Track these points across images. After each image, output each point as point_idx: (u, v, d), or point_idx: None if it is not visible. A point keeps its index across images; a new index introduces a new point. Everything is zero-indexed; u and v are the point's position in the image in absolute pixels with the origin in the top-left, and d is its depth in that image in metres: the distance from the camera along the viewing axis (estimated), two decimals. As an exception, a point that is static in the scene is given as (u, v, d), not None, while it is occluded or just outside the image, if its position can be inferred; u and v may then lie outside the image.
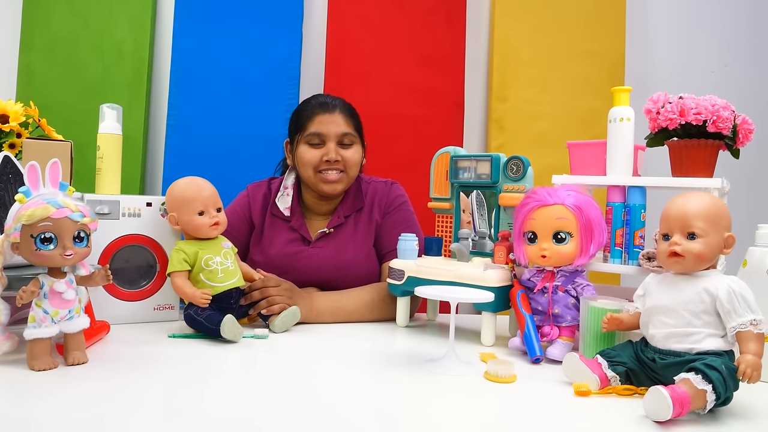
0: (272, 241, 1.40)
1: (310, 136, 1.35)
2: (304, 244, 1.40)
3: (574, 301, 1.05)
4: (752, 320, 0.78)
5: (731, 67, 2.33)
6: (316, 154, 1.35)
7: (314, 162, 1.35)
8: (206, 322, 1.07)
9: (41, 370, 0.86)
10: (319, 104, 1.38)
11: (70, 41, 2.04)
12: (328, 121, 1.35)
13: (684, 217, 0.84)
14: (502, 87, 2.18)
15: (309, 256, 1.38)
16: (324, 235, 1.40)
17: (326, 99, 1.40)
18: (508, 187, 1.21)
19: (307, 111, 1.38)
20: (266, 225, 1.42)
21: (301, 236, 1.40)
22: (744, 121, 1.07)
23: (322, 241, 1.40)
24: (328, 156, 1.34)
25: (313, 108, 1.38)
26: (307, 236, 1.41)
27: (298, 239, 1.40)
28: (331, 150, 1.34)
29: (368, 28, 2.11)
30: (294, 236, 1.40)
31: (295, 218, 1.41)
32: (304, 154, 1.36)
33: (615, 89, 1.15)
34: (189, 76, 2.05)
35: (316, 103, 1.39)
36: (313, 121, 1.35)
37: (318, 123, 1.35)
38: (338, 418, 0.75)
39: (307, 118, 1.37)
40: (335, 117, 1.36)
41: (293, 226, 1.41)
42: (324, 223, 1.43)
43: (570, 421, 0.78)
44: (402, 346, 1.13)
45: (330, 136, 1.35)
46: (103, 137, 1.23)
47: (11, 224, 0.86)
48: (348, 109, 1.41)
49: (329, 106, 1.37)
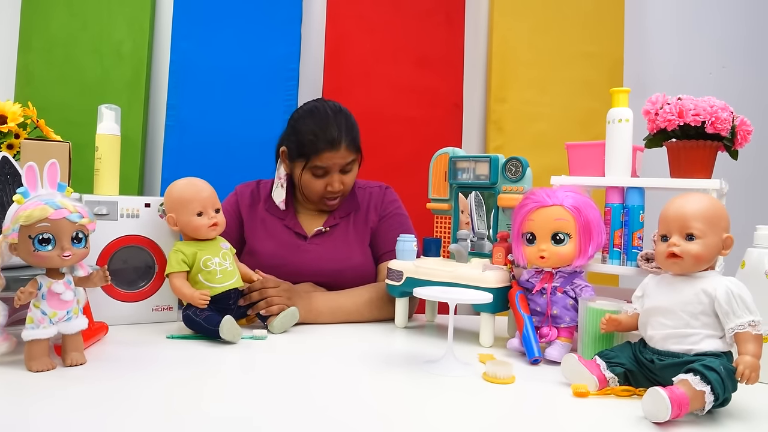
0: (268, 236, 1.42)
1: (315, 168, 1.37)
2: (300, 239, 1.42)
3: (572, 302, 1.05)
4: (750, 321, 0.78)
5: (729, 68, 2.33)
6: (321, 183, 1.38)
7: (320, 192, 1.39)
8: (205, 323, 1.07)
9: (39, 371, 0.86)
10: (327, 142, 1.34)
11: (68, 42, 2.04)
12: (334, 157, 1.35)
13: (682, 218, 0.84)
14: (501, 88, 2.18)
15: (306, 250, 1.40)
16: (320, 233, 1.42)
17: (333, 134, 1.34)
18: (507, 188, 1.21)
19: (314, 145, 1.34)
20: (258, 221, 1.44)
21: (296, 232, 1.42)
22: (742, 122, 1.07)
23: (319, 239, 1.42)
24: (332, 187, 1.38)
25: (321, 144, 1.34)
26: (302, 232, 1.43)
27: (293, 235, 1.42)
28: (335, 181, 1.37)
29: (367, 29, 2.11)
30: (289, 232, 1.43)
31: (289, 216, 1.44)
32: (309, 183, 1.39)
33: (613, 90, 1.15)
34: (188, 77, 2.05)
35: (324, 139, 1.34)
36: (320, 157, 1.35)
37: (324, 159, 1.35)
38: (336, 418, 0.75)
39: (313, 152, 1.35)
40: (341, 152, 1.35)
41: (287, 224, 1.43)
42: (316, 219, 1.45)
43: (568, 422, 0.78)
44: (400, 347, 1.13)
45: (335, 168, 1.37)
46: (101, 138, 1.23)
47: (9, 225, 0.86)
48: (351, 135, 1.37)
49: (335, 143, 1.34)
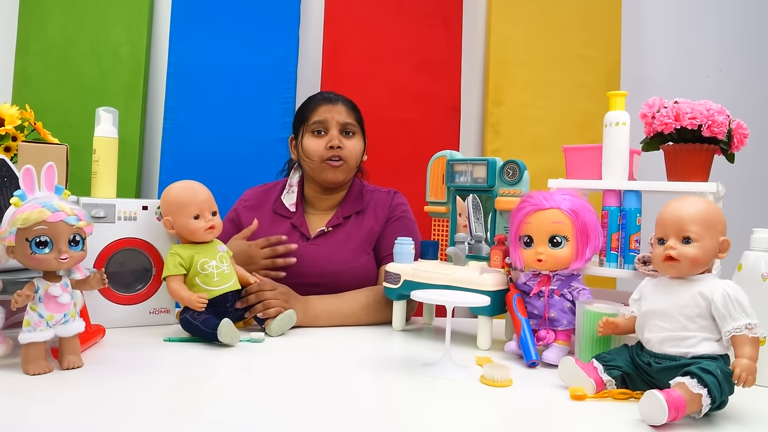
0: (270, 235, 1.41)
1: (314, 124, 1.42)
2: (303, 240, 1.42)
3: (570, 305, 1.06)
4: (747, 324, 0.78)
5: (726, 71, 2.34)
6: (321, 142, 1.41)
7: (319, 150, 1.41)
8: (202, 326, 1.07)
9: (36, 374, 0.86)
10: (322, 97, 1.47)
11: (66, 44, 2.04)
12: (331, 110, 1.42)
13: (679, 222, 0.85)
14: (498, 91, 2.18)
15: (307, 252, 1.39)
16: (322, 234, 1.42)
17: (329, 93, 1.48)
18: (504, 191, 1.21)
19: (311, 104, 1.47)
20: (266, 223, 1.44)
21: (301, 233, 1.43)
22: (739, 125, 1.07)
23: (321, 239, 1.42)
24: (331, 142, 1.41)
25: (317, 100, 1.46)
26: (307, 233, 1.43)
27: (297, 235, 1.43)
28: (334, 137, 1.41)
29: (365, 32, 2.11)
30: (294, 232, 1.43)
31: (297, 215, 1.45)
32: (309, 143, 1.42)
33: (611, 94, 1.15)
34: (185, 80, 2.05)
35: (319, 96, 1.48)
36: (317, 111, 1.43)
37: (321, 112, 1.42)
38: (334, 421, 0.75)
39: (311, 109, 1.45)
40: (338, 107, 1.44)
41: (294, 223, 1.44)
42: (322, 219, 1.46)
43: (566, 425, 0.78)
44: (398, 350, 1.13)
45: (333, 123, 1.42)
46: (99, 141, 1.23)
47: (6, 228, 0.86)
48: (350, 102, 1.48)
49: (332, 98, 1.45)
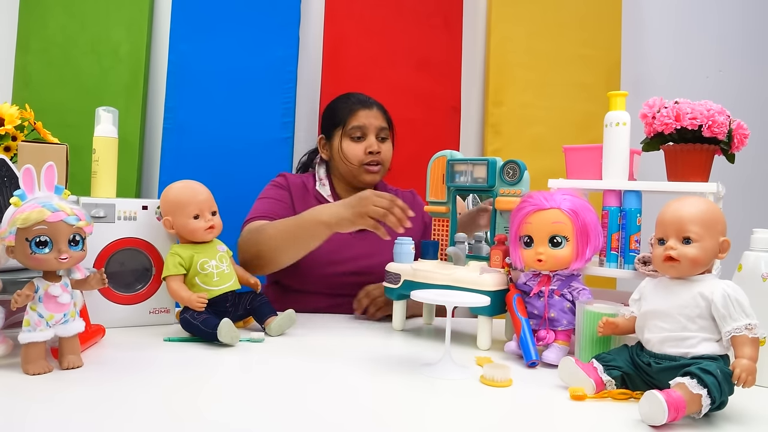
0: None
1: (353, 129, 1.43)
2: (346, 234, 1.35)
3: (570, 305, 1.06)
4: (747, 325, 0.78)
5: (726, 72, 2.34)
6: (360, 147, 1.43)
7: (359, 155, 1.43)
8: (203, 326, 1.07)
9: (36, 374, 0.86)
10: (358, 101, 1.47)
11: (66, 44, 2.04)
12: (369, 116, 1.44)
13: (679, 222, 0.85)
14: (499, 91, 2.18)
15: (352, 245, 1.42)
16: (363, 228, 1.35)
17: (363, 96, 1.49)
18: (505, 191, 1.21)
19: (347, 107, 1.46)
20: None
21: None
22: (739, 126, 1.07)
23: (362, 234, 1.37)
24: (371, 148, 1.43)
25: (353, 104, 1.47)
26: None
27: None
28: (373, 142, 1.43)
29: (365, 32, 2.11)
30: None
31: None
32: (349, 148, 1.44)
33: (611, 94, 1.15)
34: (186, 80, 2.05)
35: (355, 99, 1.48)
36: (356, 116, 1.44)
37: (360, 117, 1.44)
38: (333, 421, 0.75)
39: (348, 112, 1.45)
40: (374, 112, 1.46)
41: None
42: None
43: (565, 425, 0.78)
44: (398, 350, 1.13)
45: (371, 129, 1.44)
46: (98, 140, 1.23)
47: (6, 228, 0.86)
48: (382, 106, 1.50)
49: (368, 102, 1.47)
